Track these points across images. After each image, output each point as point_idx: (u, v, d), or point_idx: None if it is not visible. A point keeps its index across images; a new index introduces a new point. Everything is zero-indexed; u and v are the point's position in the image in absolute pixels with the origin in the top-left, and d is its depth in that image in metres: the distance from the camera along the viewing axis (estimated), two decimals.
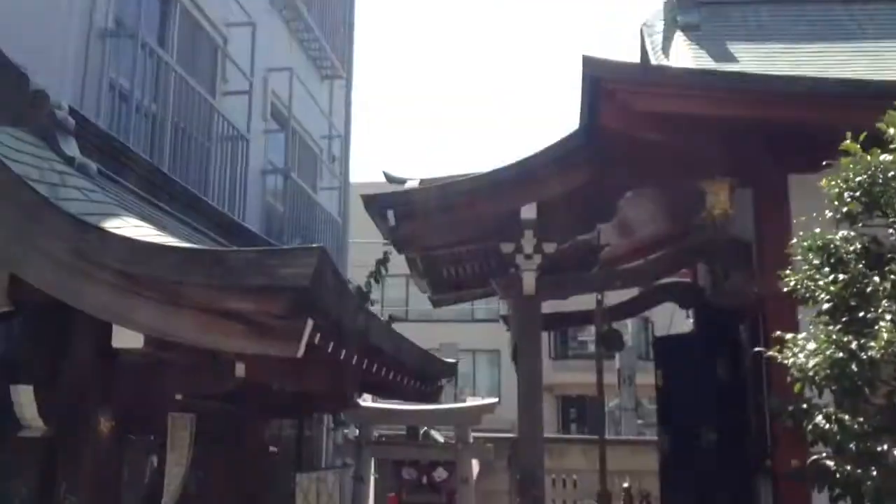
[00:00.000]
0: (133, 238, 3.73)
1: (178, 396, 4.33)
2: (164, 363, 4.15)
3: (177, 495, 5.38)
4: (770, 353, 5.25)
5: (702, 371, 10.36)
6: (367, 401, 12.25)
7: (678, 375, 10.45)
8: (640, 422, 16.75)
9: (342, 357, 4.34)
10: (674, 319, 12.42)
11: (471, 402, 12.76)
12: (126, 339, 3.69)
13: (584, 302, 11.09)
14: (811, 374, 4.82)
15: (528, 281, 8.19)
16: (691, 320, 12.90)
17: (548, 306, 8.98)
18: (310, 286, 3.51)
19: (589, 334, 33.10)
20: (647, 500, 9.37)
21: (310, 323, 3.67)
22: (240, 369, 4.25)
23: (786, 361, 5.08)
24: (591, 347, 31.63)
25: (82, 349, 4.09)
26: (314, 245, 3.91)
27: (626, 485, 10.03)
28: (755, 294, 8.09)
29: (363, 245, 13.85)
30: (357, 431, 12.69)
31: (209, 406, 5.94)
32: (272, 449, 7.19)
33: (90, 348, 4.07)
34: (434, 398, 7.63)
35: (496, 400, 12.09)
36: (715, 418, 8.76)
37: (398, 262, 10.05)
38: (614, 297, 10.65)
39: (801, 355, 4.88)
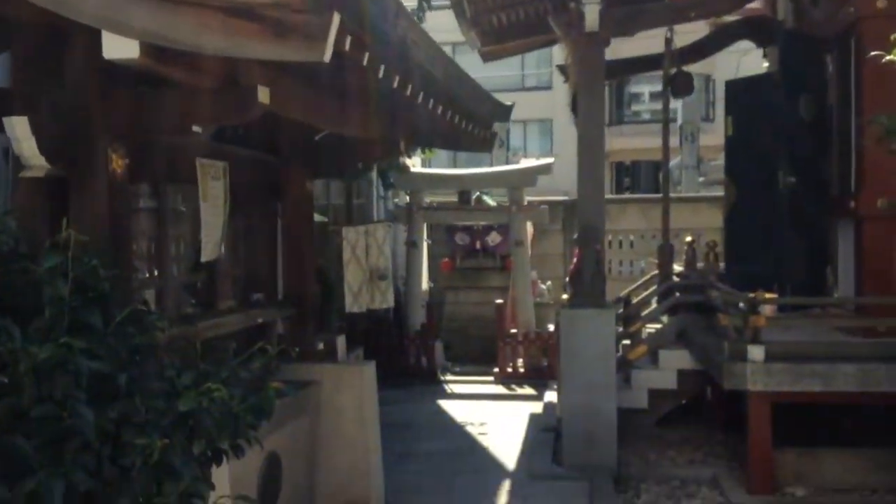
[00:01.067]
0: None
1: (197, 129, 3.75)
2: (173, 85, 3.55)
3: (216, 251, 4.98)
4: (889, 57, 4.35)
5: (778, 113, 9.53)
6: (416, 166, 11.77)
7: (752, 120, 9.66)
8: (701, 180, 16.07)
9: (381, 74, 3.67)
10: (740, 69, 11.37)
11: (525, 163, 12.14)
12: (119, 48, 3.05)
13: (646, 48, 10.14)
14: None
15: (591, 15, 7.27)
16: (765, 63, 11.89)
17: (609, 53, 8.11)
18: None
19: (643, 100, 32.01)
20: (713, 252, 8.90)
21: (336, 18, 2.98)
22: (263, 94, 3.63)
23: None
24: (647, 114, 30.66)
25: (75, 68, 3.49)
26: None
27: (688, 239, 9.54)
28: (851, 15, 7.10)
29: None
30: (408, 198, 12.32)
31: (243, 155, 5.43)
32: (320, 218, 6.76)
33: (85, 67, 3.46)
34: (489, 145, 6.97)
35: (552, 160, 11.47)
36: (791, 163, 8.03)
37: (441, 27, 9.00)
38: (681, 41, 9.67)
39: None
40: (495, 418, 9.10)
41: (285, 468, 4.73)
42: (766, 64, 11.89)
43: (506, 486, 6.67)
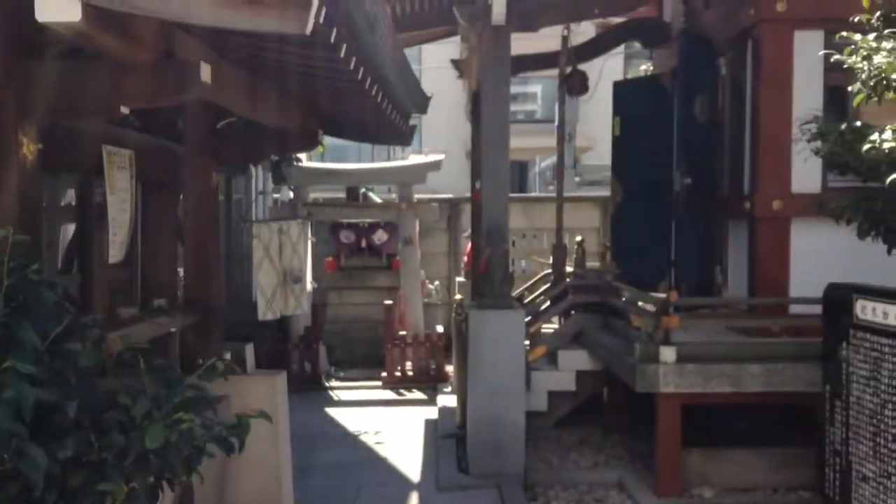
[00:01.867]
0: None
1: (125, 110, 3.22)
2: (99, 59, 3.02)
3: (123, 251, 4.43)
4: (840, 56, 4.32)
5: (667, 115, 9.71)
6: (300, 160, 11.25)
7: (639, 121, 9.80)
8: (577, 179, 16.30)
9: (342, 54, 3.26)
10: (602, 73, 11.44)
11: (414, 160, 11.85)
12: (57, 9, 2.49)
13: (535, 48, 10.05)
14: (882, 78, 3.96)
15: (499, 7, 7.02)
16: (644, 67, 12.12)
17: None
18: None
19: (515, 100, 32.35)
20: (581, 249, 8.92)
21: None
22: (205, 72, 3.16)
23: (858, 66, 4.18)
24: (519, 115, 31.02)
25: None
26: None
27: (578, 238, 9.53)
28: (749, 18, 7.22)
29: None
30: (291, 194, 11.76)
31: (147, 143, 4.86)
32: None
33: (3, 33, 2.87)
34: (408, 138, 6.61)
35: (442, 156, 11.22)
36: (687, 164, 8.12)
37: None
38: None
39: (877, 57, 3.98)
40: (389, 426, 8.76)
41: (197, 498, 4.24)
42: (644, 67, 12.16)
43: (413, 498, 6.36)
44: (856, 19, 4.66)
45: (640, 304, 6.36)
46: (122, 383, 2.31)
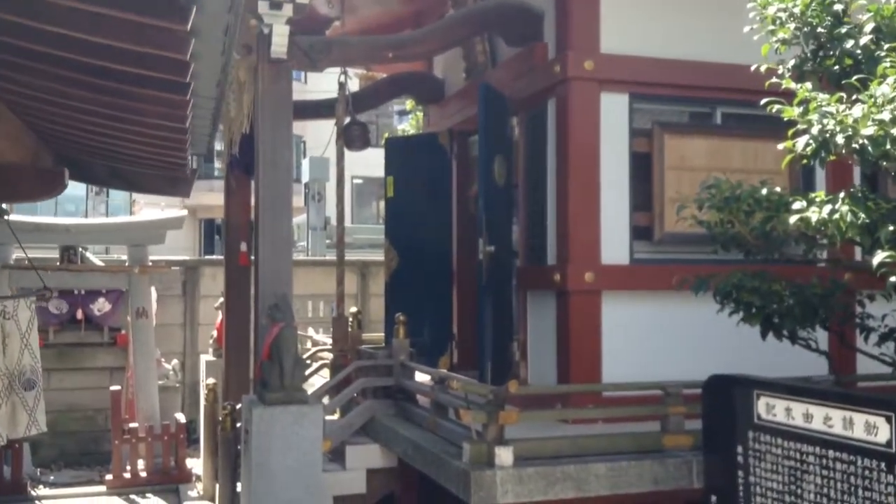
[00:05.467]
0: None
1: None
2: None
3: None
4: (791, 117, 3.64)
5: (444, 175, 9.03)
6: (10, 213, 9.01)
7: (415, 182, 9.02)
8: (328, 242, 15.18)
9: None
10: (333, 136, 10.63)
11: (149, 214, 10.05)
12: None
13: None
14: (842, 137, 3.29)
15: (280, 37, 5.89)
16: (407, 123, 11.45)
17: None
18: None
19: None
20: (357, 320, 7.96)
21: None
22: None
23: (806, 119, 3.52)
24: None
25: None
26: None
27: (354, 309, 8.46)
28: (555, 76, 6.68)
29: None
30: None
31: None
32: None
33: None
34: (186, 187, 5.10)
35: (184, 213, 9.59)
36: (485, 230, 7.36)
37: None
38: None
39: (831, 120, 3.32)
40: None
41: None
42: (406, 124, 11.52)
43: None
44: (763, 68, 4.13)
45: (469, 395, 5.37)
46: None
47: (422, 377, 7.17)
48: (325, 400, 7.13)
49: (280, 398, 5.46)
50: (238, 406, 6.42)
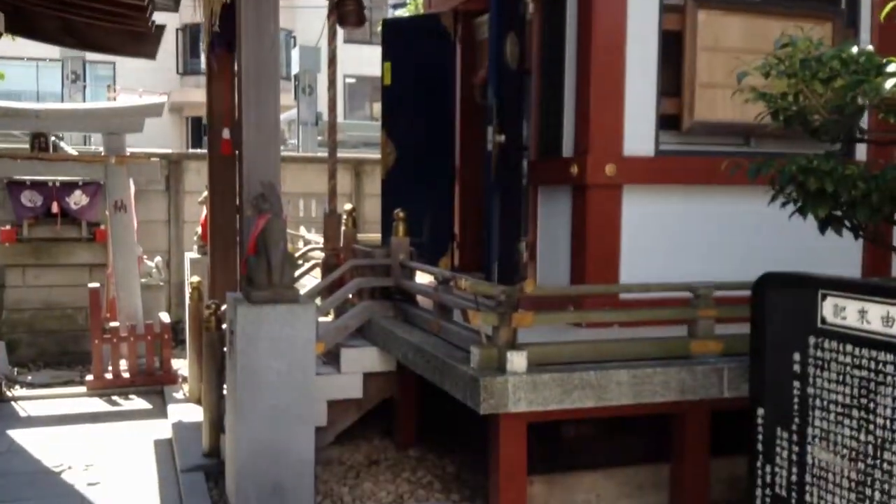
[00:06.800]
0: None
1: None
2: None
3: None
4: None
5: (446, 61, 8.29)
6: None
7: (414, 68, 8.28)
8: (319, 139, 14.44)
9: None
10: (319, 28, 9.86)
11: (127, 100, 9.32)
12: None
13: None
14: None
15: None
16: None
17: None
18: None
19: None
20: (352, 219, 7.34)
21: None
22: None
23: None
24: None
25: None
26: None
27: (348, 206, 7.84)
28: None
29: None
30: None
31: None
32: None
33: None
34: (154, 48, 4.41)
35: (164, 99, 8.86)
36: (494, 117, 6.69)
37: None
38: None
39: None
40: (105, 453, 6.54)
41: None
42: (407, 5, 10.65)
43: None
44: None
45: (481, 296, 4.84)
46: None
47: (423, 278, 6.67)
48: (318, 301, 6.65)
49: (267, 296, 4.91)
50: (223, 306, 5.90)
